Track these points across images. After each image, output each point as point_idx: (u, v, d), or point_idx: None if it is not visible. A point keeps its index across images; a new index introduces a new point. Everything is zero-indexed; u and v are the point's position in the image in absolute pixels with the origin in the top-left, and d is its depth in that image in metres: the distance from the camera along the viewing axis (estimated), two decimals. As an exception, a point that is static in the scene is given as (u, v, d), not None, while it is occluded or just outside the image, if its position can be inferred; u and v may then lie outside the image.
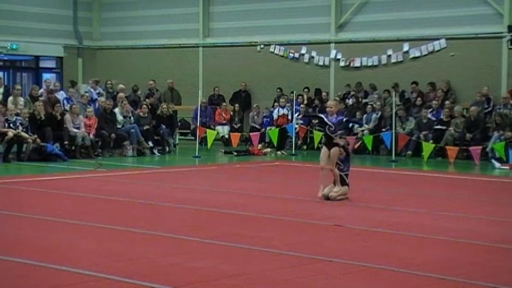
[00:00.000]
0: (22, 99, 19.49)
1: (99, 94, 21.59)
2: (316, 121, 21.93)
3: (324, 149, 11.58)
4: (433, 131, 19.89)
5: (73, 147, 18.54)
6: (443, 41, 21.54)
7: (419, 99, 21.10)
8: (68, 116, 18.77)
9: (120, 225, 9.05)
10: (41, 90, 20.88)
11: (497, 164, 17.63)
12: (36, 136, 17.66)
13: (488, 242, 8.36)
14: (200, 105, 20.82)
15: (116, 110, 20.15)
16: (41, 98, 19.82)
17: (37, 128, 18.04)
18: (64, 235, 8.54)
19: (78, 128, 18.69)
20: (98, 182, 13.74)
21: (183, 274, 6.75)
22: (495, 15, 20.85)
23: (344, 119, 12.05)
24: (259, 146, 20.96)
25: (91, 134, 18.90)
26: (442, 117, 20.06)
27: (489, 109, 20.06)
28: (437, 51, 21.71)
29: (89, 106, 20.08)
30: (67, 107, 19.61)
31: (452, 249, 8.08)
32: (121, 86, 22.28)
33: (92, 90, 21.72)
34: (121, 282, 6.37)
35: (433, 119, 20.26)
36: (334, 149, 11.42)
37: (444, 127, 19.77)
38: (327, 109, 11.90)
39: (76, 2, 27.55)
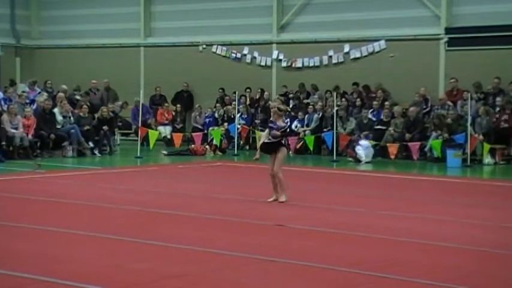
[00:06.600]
0: None
1: (39, 94, 21.14)
2: (258, 121, 22.08)
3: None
4: (373, 131, 20.15)
5: (11, 148, 18.14)
6: (382, 42, 21.85)
7: (359, 99, 21.34)
8: (5, 116, 18.36)
9: (59, 227, 8.91)
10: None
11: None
12: (-28, 137, 17.25)
13: (425, 240, 8.53)
14: (136, 105, 20.52)
15: (55, 110, 19.81)
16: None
17: (-27, 128, 17.63)
18: (0, 238, 8.36)
19: (16, 129, 18.30)
20: (36, 184, 13.50)
21: (124, 275, 6.69)
22: (433, 17, 21.25)
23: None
24: (205, 146, 20.92)
25: (29, 134, 18.53)
26: (382, 117, 20.35)
27: (427, 109, 20.43)
28: (377, 52, 21.99)
29: (27, 106, 19.69)
30: (4, 108, 19.18)
31: (391, 248, 8.20)
32: (63, 86, 21.90)
33: (30, 91, 21.28)
34: (60, 285, 6.28)
35: (374, 119, 20.53)
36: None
37: (384, 127, 20.05)
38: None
39: (13, 0, 26.97)
